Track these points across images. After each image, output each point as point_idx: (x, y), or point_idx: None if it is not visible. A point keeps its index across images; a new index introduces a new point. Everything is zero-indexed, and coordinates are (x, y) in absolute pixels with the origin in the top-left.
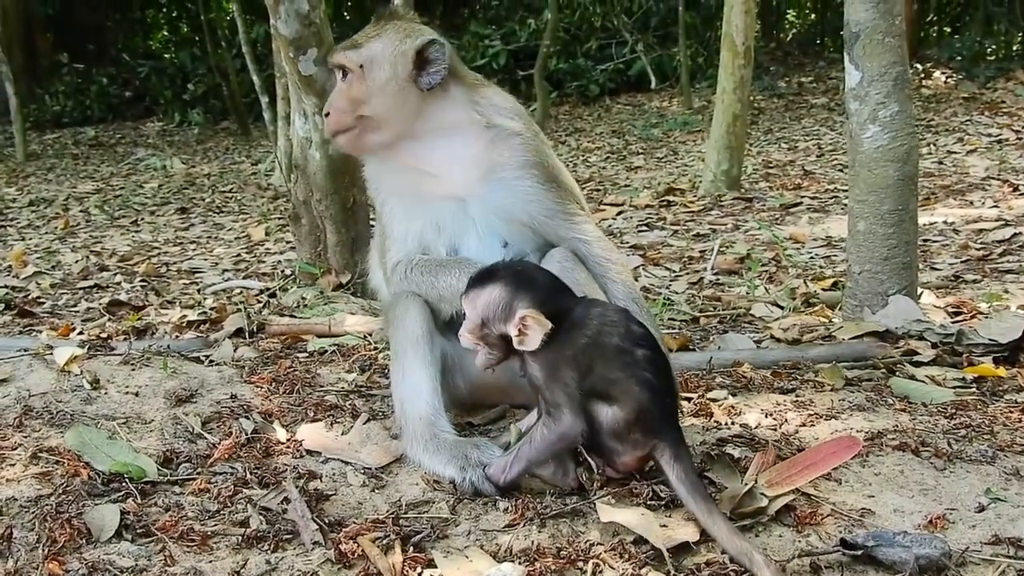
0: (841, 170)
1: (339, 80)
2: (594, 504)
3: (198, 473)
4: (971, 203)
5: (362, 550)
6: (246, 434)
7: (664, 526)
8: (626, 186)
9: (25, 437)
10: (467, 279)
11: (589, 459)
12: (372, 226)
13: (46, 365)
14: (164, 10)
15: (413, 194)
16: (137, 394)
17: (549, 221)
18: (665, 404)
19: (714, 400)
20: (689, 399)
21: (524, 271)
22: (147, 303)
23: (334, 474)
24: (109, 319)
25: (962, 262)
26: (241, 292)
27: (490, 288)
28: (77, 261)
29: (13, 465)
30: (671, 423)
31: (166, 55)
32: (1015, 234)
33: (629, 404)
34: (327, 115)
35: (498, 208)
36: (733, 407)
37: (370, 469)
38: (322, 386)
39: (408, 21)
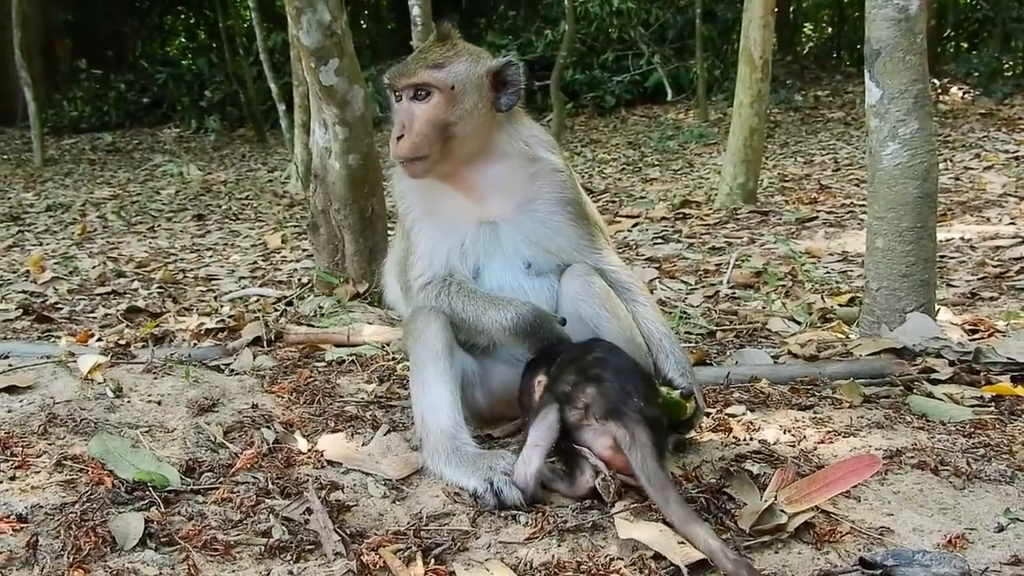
0: (857, 184)
1: (410, 102)
2: (613, 518)
3: (221, 482)
4: (988, 220)
5: (384, 561)
6: (268, 444)
7: (682, 543)
8: (642, 198)
9: (50, 444)
10: (516, 318)
11: (599, 466)
12: (390, 236)
13: (69, 372)
14: (182, 17)
15: (445, 216)
16: (160, 403)
17: (576, 252)
18: (615, 388)
19: (732, 416)
20: (708, 414)
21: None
22: (164, 310)
23: (355, 485)
24: (127, 326)
25: (979, 279)
26: (258, 300)
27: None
28: (94, 267)
29: (38, 472)
30: (626, 404)
31: (184, 62)
32: None
33: (580, 397)
34: (399, 138)
35: (528, 236)
36: (751, 423)
37: (391, 480)
38: (342, 396)
39: (461, 41)
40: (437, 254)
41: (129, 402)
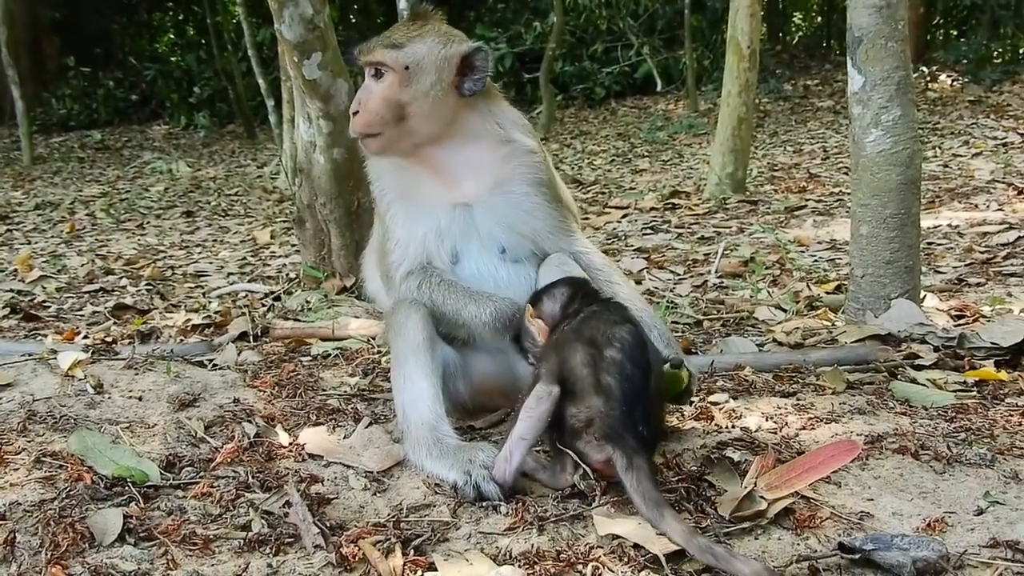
0: (846, 173)
1: (370, 79)
2: (593, 512)
3: (201, 477)
4: (976, 206)
5: (363, 553)
6: (248, 438)
7: (661, 535)
8: (631, 189)
9: (29, 442)
10: (495, 313)
11: (583, 465)
12: None
13: (50, 370)
14: (171, 13)
15: (419, 197)
16: (140, 398)
17: (550, 235)
18: (623, 413)
19: (715, 403)
20: (691, 402)
21: (544, 288)
22: (152, 307)
23: (336, 478)
24: (114, 323)
25: (966, 265)
26: (246, 296)
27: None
28: (83, 265)
29: (17, 470)
30: (629, 432)
31: (172, 58)
32: (1019, 237)
33: (584, 407)
34: (355, 113)
35: (503, 219)
36: (734, 410)
37: (372, 473)
38: (324, 390)
39: (439, 23)
40: (414, 238)
41: (109, 398)
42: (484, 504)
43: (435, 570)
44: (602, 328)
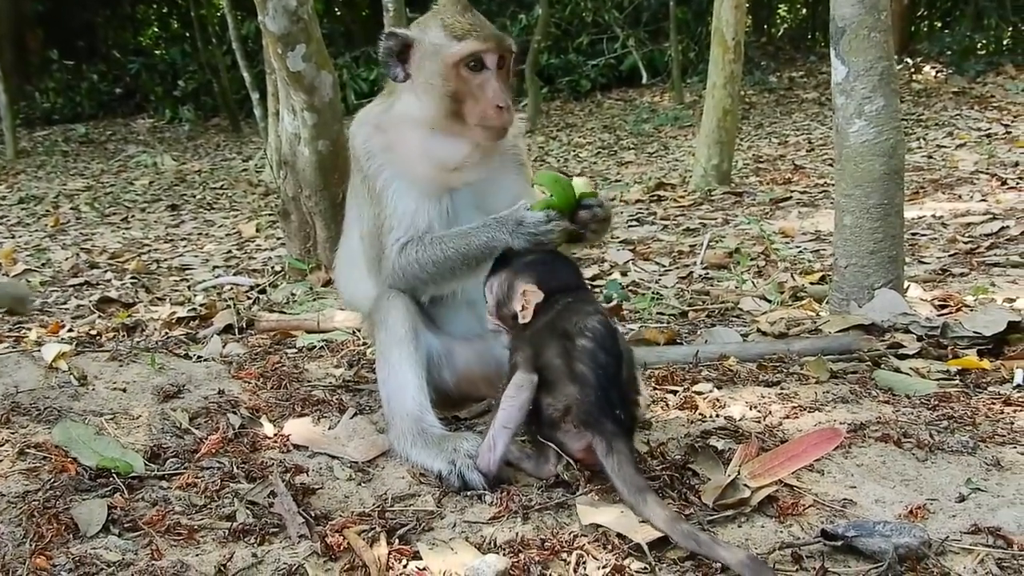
0: (831, 165)
1: (497, 69)
2: (577, 500)
3: (185, 468)
4: (960, 197)
5: (348, 543)
6: (233, 429)
7: (643, 523)
8: (617, 181)
9: (12, 433)
10: (500, 234)
11: (565, 456)
12: None
13: (33, 361)
14: (155, 6)
15: (419, 176)
16: (125, 390)
17: None
18: (598, 398)
19: (699, 393)
20: (675, 392)
21: (528, 258)
22: (137, 300)
23: (320, 468)
24: (99, 316)
25: (950, 256)
26: (231, 288)
27: (500, 274)
28: (67, 259)
29: (0, 461)
30: (607, 417)
31: (157, 52)
32: (1003, 228)
33: (560, 395)
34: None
35: (484, 198)
36: (718, 400)
37: (356, 463)
38: (309, 381)
39: None
40: (419, 213)
41: (94, 390)
42: (469, 493)
43: (420, 559)
44: (574, 319)
